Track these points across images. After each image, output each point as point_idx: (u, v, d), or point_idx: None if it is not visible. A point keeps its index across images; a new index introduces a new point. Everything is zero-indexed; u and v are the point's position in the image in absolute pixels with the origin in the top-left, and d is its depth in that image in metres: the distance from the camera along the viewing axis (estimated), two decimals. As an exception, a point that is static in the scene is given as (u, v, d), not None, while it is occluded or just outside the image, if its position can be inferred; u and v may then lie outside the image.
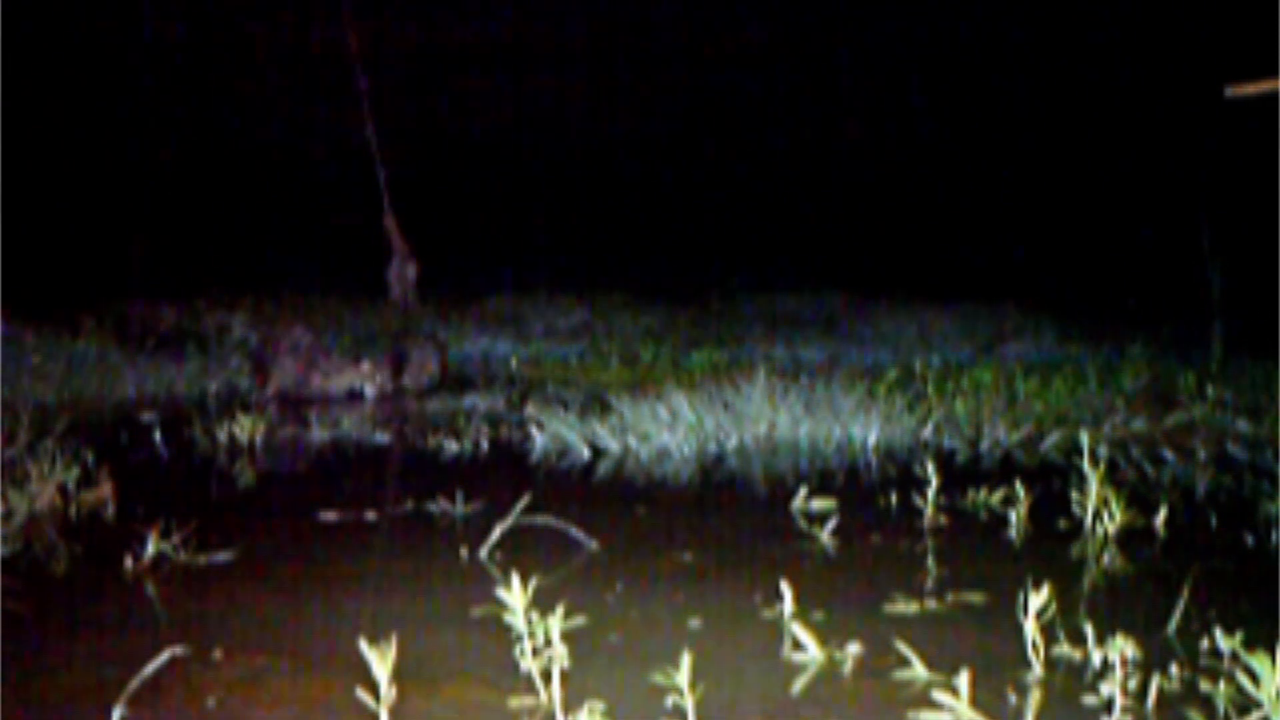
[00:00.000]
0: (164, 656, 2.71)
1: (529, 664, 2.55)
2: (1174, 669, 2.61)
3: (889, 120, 17.26)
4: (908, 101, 17.07)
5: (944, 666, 2.68)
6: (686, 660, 2.40)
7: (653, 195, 17.39)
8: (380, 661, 2.40)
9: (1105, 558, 3.86)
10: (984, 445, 5.83)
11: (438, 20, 17.25)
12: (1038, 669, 2.72)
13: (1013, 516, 4.24)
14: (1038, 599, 2.75)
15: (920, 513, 4.34)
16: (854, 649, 2.89)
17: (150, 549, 3.81)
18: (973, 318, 11.22)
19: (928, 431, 6.01)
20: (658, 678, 2.45)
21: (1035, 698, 2.49)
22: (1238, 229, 9.44)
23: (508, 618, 2.58)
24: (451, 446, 6.00)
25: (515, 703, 2.57)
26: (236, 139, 16.64)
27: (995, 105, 16.03)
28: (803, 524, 4.22)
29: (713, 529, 4.46)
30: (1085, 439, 4.92)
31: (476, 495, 4.55)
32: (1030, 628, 2.73)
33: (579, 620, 2.58)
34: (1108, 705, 2.51)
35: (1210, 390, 6.64)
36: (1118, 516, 4.09)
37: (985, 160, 15.84)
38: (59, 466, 4.63)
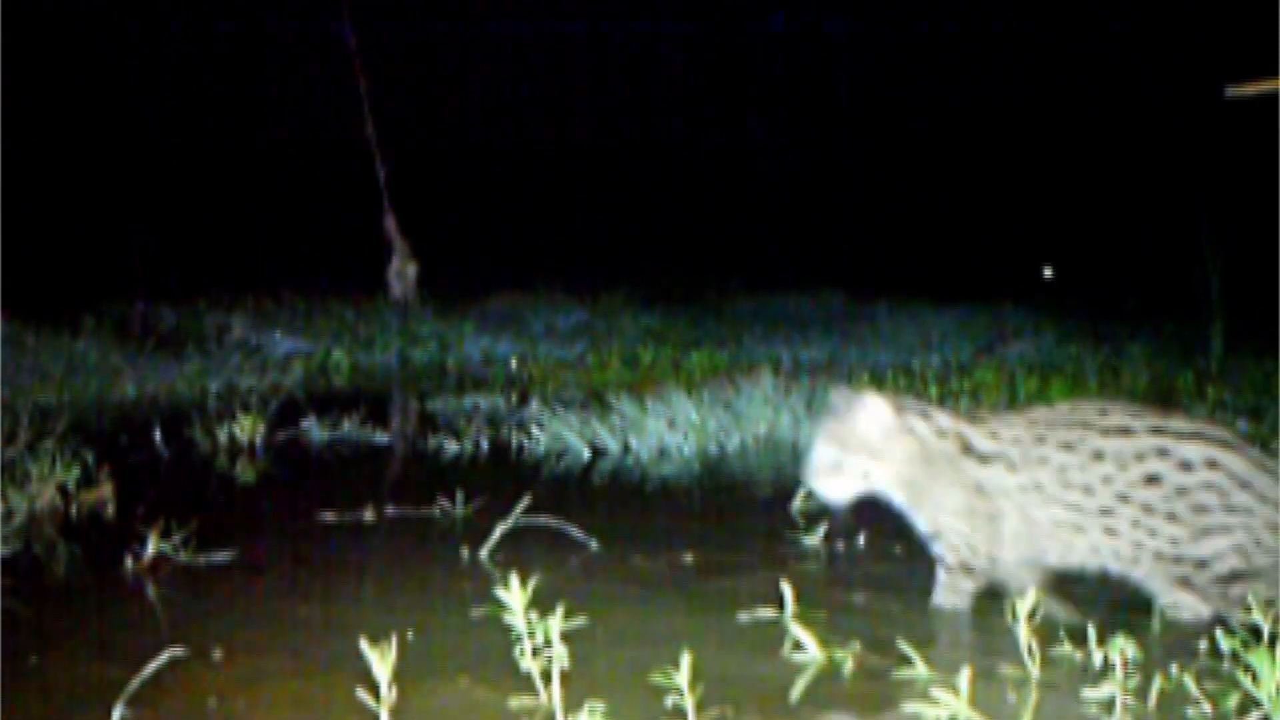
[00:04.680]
0: (164, 656, 2.71)
1: (529, 664, 2.55)
2: (1174, 669, 2.61)
3: (889, 119, 17.28)
4: (908, 101, 17.08)
5: (944, 666, 2.68)
6: (686, 660, 2.40)
7: (653, 195, 17.40)
8: (380, 661, 2.40)
9: (1105, 558, 3.85)
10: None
11: (438, 20, 17.26)
12: (1037, 669, 2.72)
13: (1013, 516, 4.23)
14: (1030, 600, 2.75)
15: (920, 513, 4.33)
16: (854, 649, 2.89)
17: (150, 549, 3.81)
18: (973, 318, 11.21)
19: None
20: (658, 678, 2.44)
21: (1035, 697, 2.49)
22: (1238, 229, 9.43)
23: (508, 618, 2.58)
24: (451, 446, 6.00)
25: (515, 703, 2.57)
26: (236, 139, 16.66)
27: (995, 105, 16.04)
28: (803, 524, 4.22)
29: (713, 529, 4.46)
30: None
31: (476, 495, 4.55)
32: (1023, 630, 2.73)
33: (579, 620, 2.58)
34: (1108, 705, 2.51)
35: (1210, 390, 6.64)
36: (1118, 516, 4.07)
37: (985, 160, 15.85)
38: (59, 466, 4.63)
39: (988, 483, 3.12)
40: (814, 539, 4.04)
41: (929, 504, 3.21)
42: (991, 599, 3.29)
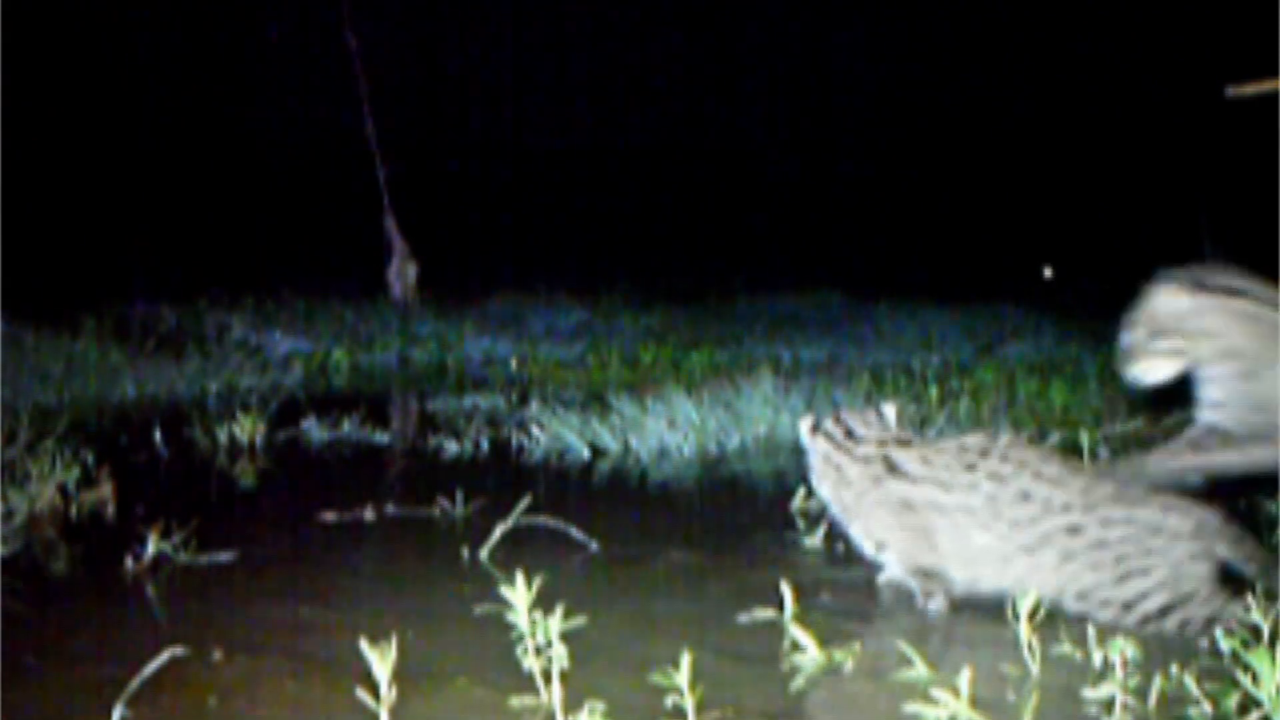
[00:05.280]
0: (164, 656, 2.71)
1: (529, 664, 2.55)
2: (1174, 669, 2.61)
3: (889, 120, 17.28)
4: (908, 101, 17.08)
5: (944, 666, 2.68)
6: (686, 660, 2.40)
7: (653, 195, 17.40)
8: (380, 661, 2.40)
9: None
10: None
11: (438, 20, 17.26)
12: (1037, 669, 2.72)
13: (1013, 516, 4.23)
14: (1030, 599, 2.75)
15: (920, 513, 4.32)
16: (854, 649, 2.89)
17: (150, 549, 3.81)
18: (973, 318, 11.21)
19: (930, 432, 6.00)
20: (658, 678, 2.45)
21: (1035, 697, 2.49)
22: (1238, 229, 9.43)
23: (508, 618, 2.58)
24: (451, 446, 6.00)
25: (515, 703, 2.57)
26: (237, 139, 16.67)
27: (995, 104, 16.04)
28: (802, 524, 4.22)
29: (713, 529, 4.46)
30: (1085, 439, 4.94)
31: (476, 495, 4.55)
32: (1023, 630, 2.73)
33: (579, 620, 2.58)
34: (1108, 705, 2.51)
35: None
36: (1118, 516, 4.07)
37: (985, 160, 15.86)
38: (59, 466, 4.63)
39: (918, 499, 3.24)
40: (814, 539, 4.03)
41: (859, 521, 3.39)
42: (991, 599, 3.29)
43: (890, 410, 3.52)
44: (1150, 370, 3.27)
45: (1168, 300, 3.22)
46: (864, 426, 3.42)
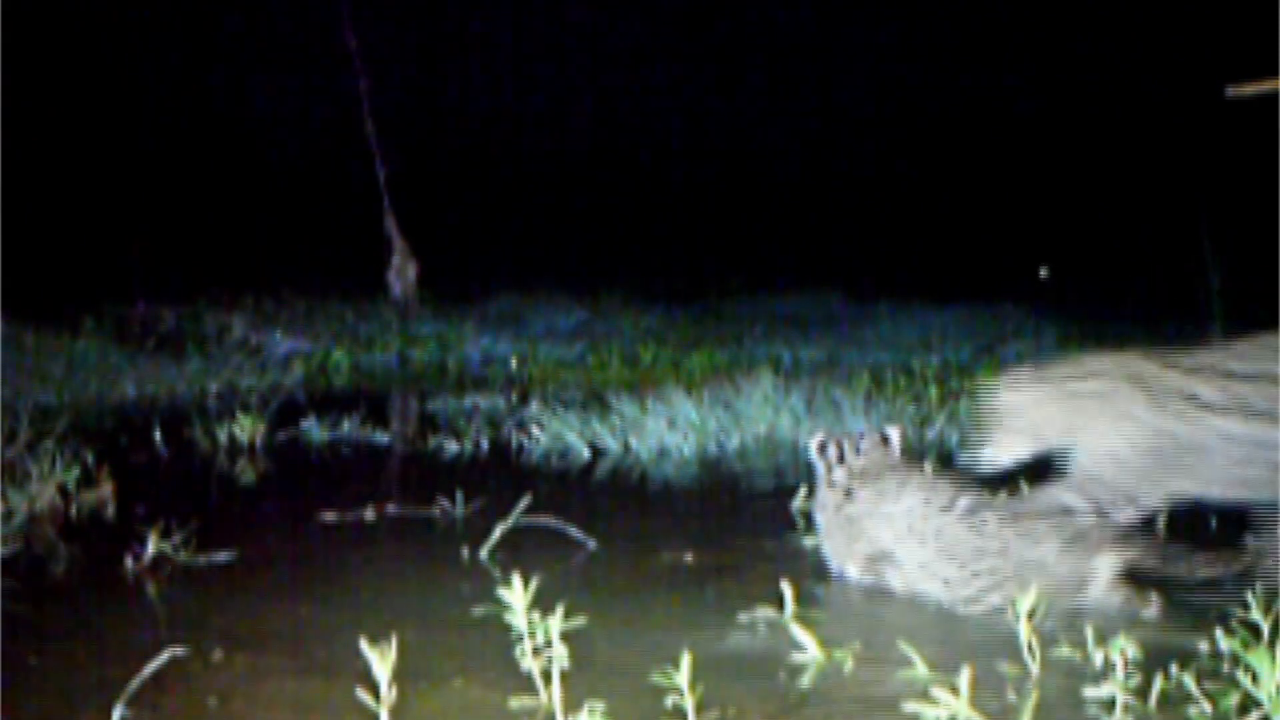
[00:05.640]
0: (164, 656, 2.71)
1: (529, 664, 2.55)
2: (1174, 669, 2.61)
3: (889, 120, 17.28)
4: (908, 101, 17.08)
5: (944, 666, 2.68)
6: (686, 660, 2.40)
7: (653, 195, 17.39)
8: (380, 661, 2.40)
9: (1105, 558, 3.84)
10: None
11: (438, 20, 17.26)
12: (1037, 669, 2.72)
13: (1013, 516, 4.22)
14: (1030, 599, 2.75)
15: (920, 513, 4.32)
16: (854, 649, 2.89)
17: (150, 549, 3.82)
18: (973, 318, 11.22)
19: (929, 432, 6.01)
20: (658, 678, 2.45)
21: (1035, 697, 2.49)
22: (1238, 229, 9.43)
23: (508, 618, 2.58)
24: (451, 446, 6.00)
25: (515, 703, 2.57)
26: (237, 139, 16.66)
27: (996, 105, 16.04)
28: (802, 524, 4.22)
29: (713, 529, 4.46)
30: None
31: (476, 495, 4.55)
32: (1023, 630, 2.73)
33: (579, 620, 2.58)
34: (1108, 705, 2.51)
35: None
36: (1118, 516, 4.07)
37: (985, 160, 15.85)
38: (59, 466, 4.63)
39: (855, 512, 3.52)
40: (814, 539, 4.03)
41: (828, 541, 3.65)
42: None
43: (895, 434, 3.68)
44: (1001, 453, 3.66)
45: (1009, 394, 3.65)
46: (855, 454, 3.61)
